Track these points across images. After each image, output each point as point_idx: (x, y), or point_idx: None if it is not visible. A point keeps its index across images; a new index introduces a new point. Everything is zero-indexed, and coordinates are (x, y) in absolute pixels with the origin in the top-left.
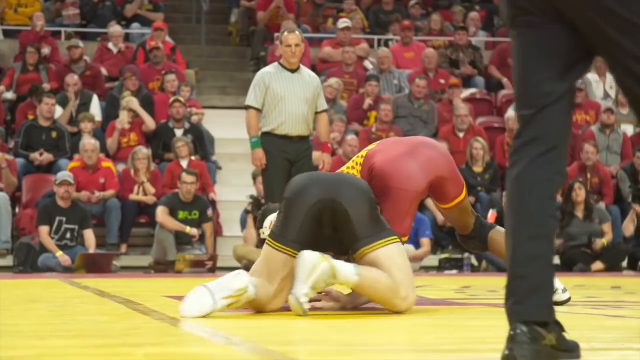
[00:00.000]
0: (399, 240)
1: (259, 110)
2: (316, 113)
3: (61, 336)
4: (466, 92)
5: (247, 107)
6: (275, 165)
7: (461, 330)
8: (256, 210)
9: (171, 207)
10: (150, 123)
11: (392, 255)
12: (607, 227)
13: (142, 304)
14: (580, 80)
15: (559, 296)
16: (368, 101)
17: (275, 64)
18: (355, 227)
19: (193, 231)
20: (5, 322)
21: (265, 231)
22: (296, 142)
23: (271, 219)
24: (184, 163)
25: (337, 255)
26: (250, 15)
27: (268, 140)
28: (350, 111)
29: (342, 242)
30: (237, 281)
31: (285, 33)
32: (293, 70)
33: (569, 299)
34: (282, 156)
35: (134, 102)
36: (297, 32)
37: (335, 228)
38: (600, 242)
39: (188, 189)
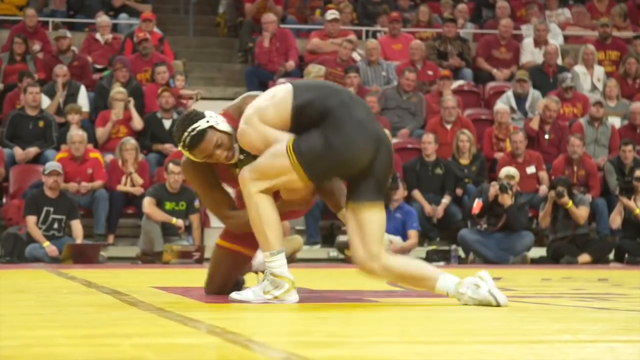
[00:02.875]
0: None
1: None
2: None
3: (48, 327)
4: (454, 84)
5: None
6: None
7: (448, 322)
8: None
9: (158, 198)
10: (138, 123)
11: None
12: (583, 210)
13: (129, 294)
14: (569, 74)
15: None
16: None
17: None
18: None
19: (179, 222)
20: None
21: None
22: None
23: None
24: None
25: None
26: (238, 7)
27: None
28: None
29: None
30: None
31: None
32: None
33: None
34: None
35: (131, 102)
36: None
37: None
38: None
39: (175, 179)
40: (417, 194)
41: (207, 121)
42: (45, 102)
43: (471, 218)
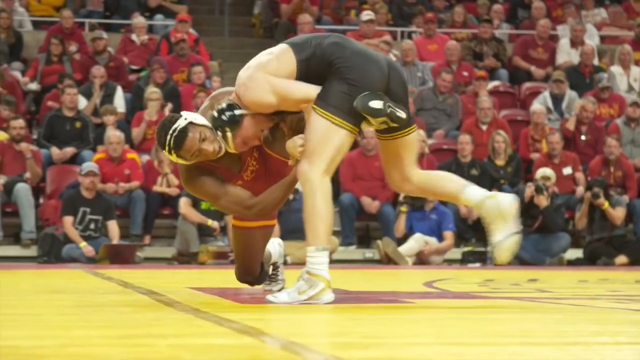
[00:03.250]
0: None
1: None
2: None
3: (85, 327)
4: (490, 85)
5: None
6: None
7: (484, 324)
8: None
9: (194, 199)
10: None
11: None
12: (620, 211)
13: (165, 295)
14: (605, 74)
15: None
16: None
17: None
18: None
19: (214, 224)
20: (30, 312)
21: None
22: None
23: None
24: None
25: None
26: (273, 7)
27: None
28: None
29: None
30: None
31: None
32: None
33: None
34: None
35: (167, 107)
36: None
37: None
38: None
39: None
40: None
41: (185, 118)
42: (82, 102)
43: None
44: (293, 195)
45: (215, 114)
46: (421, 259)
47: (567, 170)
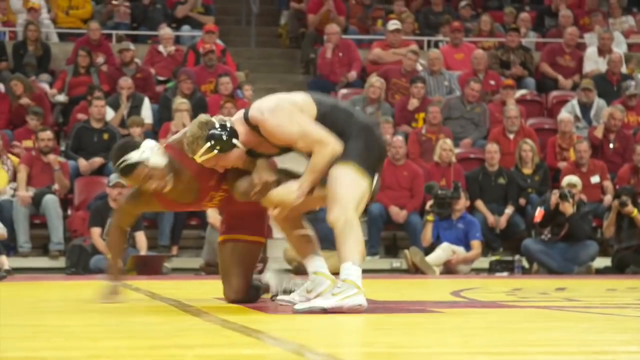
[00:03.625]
0: None
1: None
2: None
3: (113, 337)
4: (517, 94)
5: None
6: None
7: (512, 333)
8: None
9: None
10: None
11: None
12: None
13: (193, 305)
14: (633, 81)
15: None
16: (414, 102)
17: None
18: None
19: None
20: (58, 324)
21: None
22: None
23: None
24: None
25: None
26: (299, 17)
27: None
28: (398, 112)
29: None
30: None
31: None
32: None
33: None
34: None
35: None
36: None
37: None
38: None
39: None
40: (479, 204)
41: (141, 154)
42: (110, 114)
43: (534, 227)
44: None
45: (218, 127)
46: (449, 268)
47: (595, 179)
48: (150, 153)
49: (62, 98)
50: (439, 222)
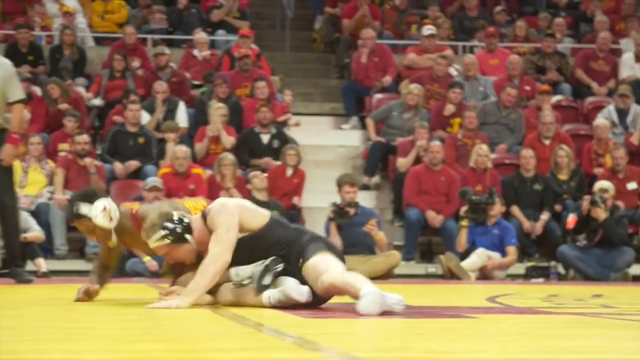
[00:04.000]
0: None
1: None
2: (9, 104)
3: (149, 340)
4: (553, 99)
5: None
6: None
7: (548, 339)
8: (338, 217)
9: None
10: (227, 142)
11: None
12: None
13: (228, 309)
14: None
15: None
16: (450, 108)
17: None
18: None
19: None
20: (95, 326)
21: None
22: None
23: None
24: (289, 171)
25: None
26: (334, 22)
27: None
28: (434, 118)
29: None
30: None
31: None
32: None
33: None
34: None
35: (220, 123)
36: None
37: None
38: None
39: (258, 188)
40: (515, 209)
41: (90, 210)
42: (145, 117)
43: (568, 234)
44: (354, 209)
45: (176, 220)
46: (484, 274)
47: (631, 185)
48: (97, 213)
49: (97, 102)
50: (474, 227)
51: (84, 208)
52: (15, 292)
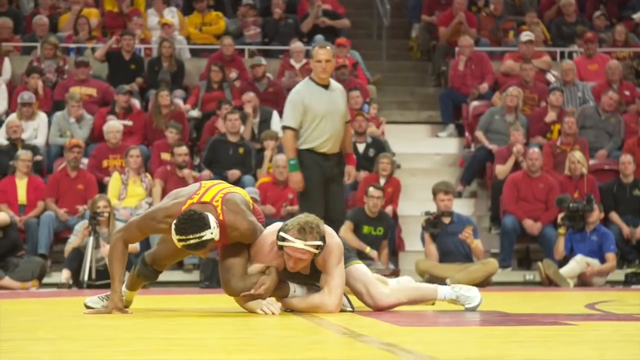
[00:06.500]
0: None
1: (296, 131)
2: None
3: (246, 350)
4: None
5: (284, 128)
6: (315, 184)
7: None
8: (430, 227)
9: (356, 222)
10: None
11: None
12: None
13: (325, 318)
14: None
15: None
16: (552, 114)
17: (306, 80)
18: None
19: (373, 253)
20: (192, 337)
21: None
22: (332, 159)
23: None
24: (382, 181)
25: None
26: (431, 30)
27: (309, 158)
28: (533, 124)
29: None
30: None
31: (316, 48)
32: (326, 86)
33: None
34: (320, 173)
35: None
36: (328, 48)
37: None
38: None
39: (375, 203)
40: (614, 216)
41: (212, 231)
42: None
43: None
44: (449, 218)
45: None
46: (583, 281)
47: None
48: (216, 232)
49: (195, 113)
50: (572, 234)
51: (207, 234)
52: None
